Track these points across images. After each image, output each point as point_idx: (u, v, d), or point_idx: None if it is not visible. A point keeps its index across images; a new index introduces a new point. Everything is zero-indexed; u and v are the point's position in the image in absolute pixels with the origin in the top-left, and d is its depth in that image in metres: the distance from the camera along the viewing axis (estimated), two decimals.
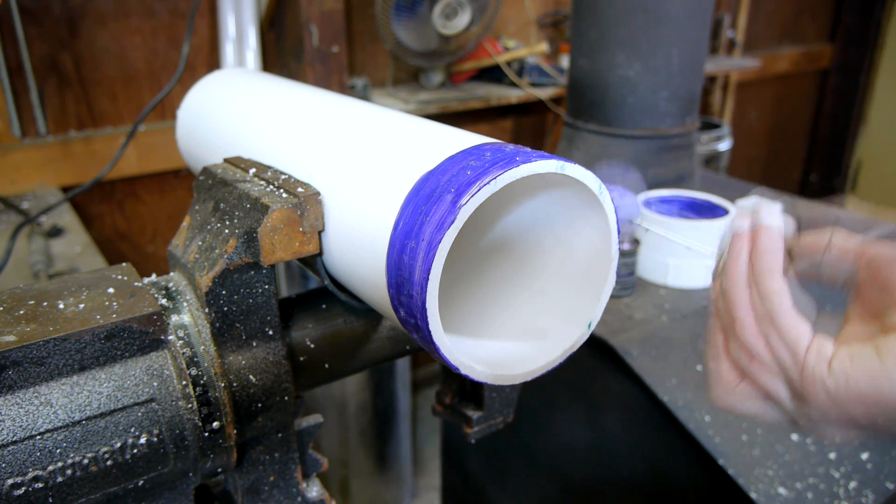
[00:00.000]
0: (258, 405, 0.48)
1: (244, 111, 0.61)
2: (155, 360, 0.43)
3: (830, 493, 1.00)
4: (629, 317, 1.27)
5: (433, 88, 2.23)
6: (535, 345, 0.47)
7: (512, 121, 2.60)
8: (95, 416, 0.41)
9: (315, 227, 0.46)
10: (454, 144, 0.42)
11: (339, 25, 1.81)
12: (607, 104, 1.51)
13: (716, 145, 2.46)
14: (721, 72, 2.96)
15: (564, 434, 1.37)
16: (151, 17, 1.77)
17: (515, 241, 0.51)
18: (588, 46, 1.50)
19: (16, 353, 0.39)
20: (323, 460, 0.56)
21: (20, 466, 0.38)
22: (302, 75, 1.83)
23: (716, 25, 2.82)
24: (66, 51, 1.68)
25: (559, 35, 2.60)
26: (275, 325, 0.48)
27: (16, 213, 1.43)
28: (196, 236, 0.50)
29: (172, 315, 0.46)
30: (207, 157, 0.64)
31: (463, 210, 0.37)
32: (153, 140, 1.79)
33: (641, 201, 1.41)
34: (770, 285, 0.44)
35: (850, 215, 1.69)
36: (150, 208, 1.92)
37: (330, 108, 0.55)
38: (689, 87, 1.52)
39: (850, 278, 0.44)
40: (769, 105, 3.57)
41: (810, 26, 3.56)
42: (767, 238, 0.45)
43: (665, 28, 1.41)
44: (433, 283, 0.37)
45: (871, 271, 0.44)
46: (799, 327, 0.42)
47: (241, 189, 0.48)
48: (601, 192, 0.42)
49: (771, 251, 0.45)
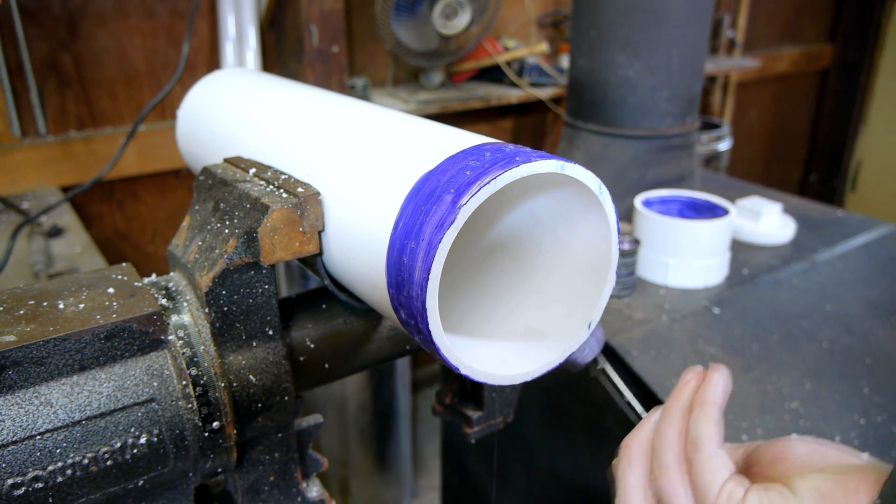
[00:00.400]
0: (258, 405, 0.48)
1: (244, 111, 0.61)
2: (155, 360, 0.43)
3: None
4: (629, 317, 1.27)
5: (433, 88, 2.23)
6: (535, 345, 0.47)
7: (512, 121, 2.60)
8: (95, 416, 0.41)
9: (315, 227, 0.46)
10: (454, 144, 0.42)
11: (339, 25, 1.81)
12: (607, 104, 1.51)
13: (716, 145, 2.46)
14: (721, 72, 2.96)
15: (564, 434, 1.37)
16: (151, 17, 1.77)
17: (515, 241, 0.51)
18: (588, 46, 1.50)
19: (16, 353, 0.39)
20: (323, 460, 0.56)
21: (20, 466, 0.38)
22: (302, 75, 1.83)
23: (716, 25, 2.82)
24: (66, 51, 1.68)
25: (559, 35, 2.60)
26: (275, 325, 0.48)
27: (16, 213, 1.43)
28: (196, 236, 0.50)
29: (172, 315, 0.46)
30: (207, 157, 0.64)
31: (463, 210, 0.37)
32: (153, 140, 1.79)
33: (641, 202, 1.41)
34: (703, 427, 0.45)
35: (849, 215, 1.70)
36: (150, 208, 1.92)
37: (330, 108, 0.55)
38: (689, 87, 1.52)
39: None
40: (769, 105, 3.58)
41: (810, 26, 3.56)
42: (717, 388, 0.47)
43: (665, 28, 1.41)
44: (433, 283, 0.37)
45: (757, 457, 0.45)
46: (716, 471, 0.42)
47: (241, 189, 0.48)
48: (601, 192, 0.42)
49: (714, 402, 0.47)
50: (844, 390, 1.19)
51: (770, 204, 1.55)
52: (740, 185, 1.87)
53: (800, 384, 1.19)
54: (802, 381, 1.20)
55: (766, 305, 1.34)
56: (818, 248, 1.51)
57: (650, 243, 1.37)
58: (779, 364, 1.22)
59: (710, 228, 1.32)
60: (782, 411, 1.13)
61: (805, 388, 1.18)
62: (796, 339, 1.28)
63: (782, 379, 1.19)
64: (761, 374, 1.19)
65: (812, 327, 1.31)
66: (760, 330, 1.28)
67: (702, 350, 1.21)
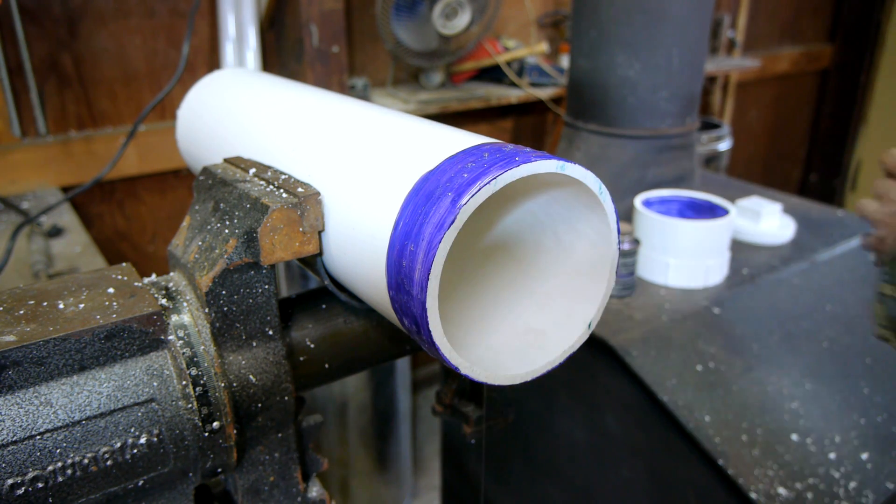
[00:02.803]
0: (258, 405, 0.48)
1: (244, 111, 0.61)
2: (155, 360, 0.43)
3: (830, 494, 1.00)
4: (629, 317, 1.27)
5: (433, 88, 2.23)
6: (535, 345, 0.47)
7: (512, 121, 2.60)
8: (95, 416, 0.41)
9: (315, 227, 0.46)
10: (453, 145, 0.42)
11: (339, 25, 1.81)
12: (607, 104, 1.51)
13: (716, 145, 2.46)
14: (721, 72, 2.96)
15: (564, 434, 1.37)
16: (151, 17, 1.77)
17: (515, 241, 0.51)
18: (588, 46, 1.50)
19: (16, 353, 0.39)
20: (323, 460, 0.56)
21: (20, 466, 0.38)
22: (302, 75, 1.83)
23: (716, 25, 2.82)
24: (66, 51, 1.68)
25: (559, 35, 2.60)
26: (275, 325, 0.48)
27: (16, 213, 1.43)
28: (196, 236, 0.50)
29: (172, 315, 0.46)
30: (207, 157, 0.64)
31: (463, 210, 0.37)
32: (153, 140, 1.79)
33: (641, 202, 1.41)
34: None
35: (849, 215, 1.69)
36: (150, 208, 1.92)
37: (330, 108, 0.55)
38: (689, 87, 1.52)
39: None
40: (769, 105, 3.57)
41: (810, 26, 3.56)
42: None
43: (665, 28, 1.41)
44: (433, 283, 0.37)
45: None
46: None
47: (241, 189, 0.48)
48: (601, 192, 0.42)
49: None
50: (844, 390, 1.19)
51: (770, 204, 1.55)
52: (740, 185, 1.87)
53: (800, 384, 1.19)
54: (802, 381, 1.20)
55: (766, 305, 1.34)
56: (818, 248, 1.51)
57: (650, 243, 1.37)
58: (779, 364, 1.22)
59: (710, 228, 1.32)
60: (782, 411, 1.13)
61: (805, 388, 1.19)
62: (796, 339, 1.28)
63: (782, 379, 1.19)
64: (761, 374, 1.19)
65: (812, 327, 1.31)
66: (760, 330, 1.28)
67: (702, 350, 1.21)
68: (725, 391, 1.14)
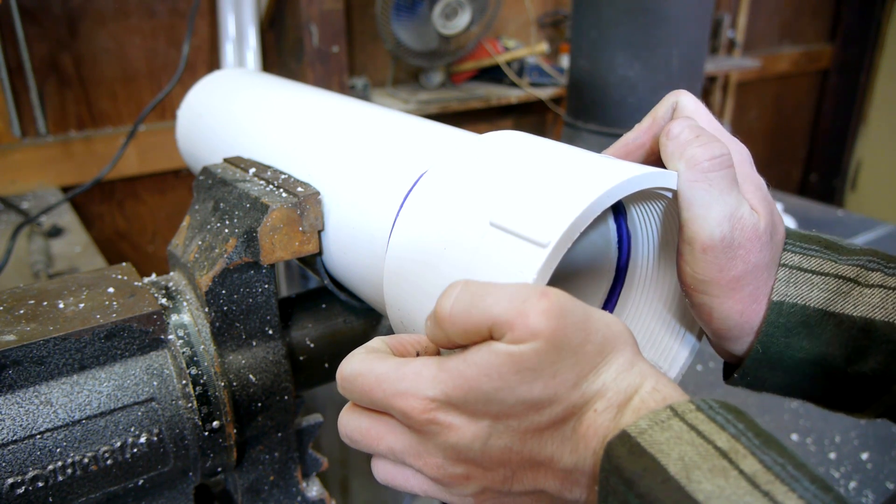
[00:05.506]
0: (258, 405, 0.48)
1: (244, 111, 0.61)
2: (155, 360, 0.43)
3: None
4: None
5: (433, 88, 2.23)
6: None
7: (512, 121, 2.60)
8: (95, 416, 0.41)
9: (315, 226, 0.46)
10: (453, 144, 0.42)
11: (339, 25, 1.81)
12: (607, 104, 1.51)
13: None
14: (721, 72, 2.96)
15: None
16: (151, 17, 1.77)
17: None
18: (588, 46, 1.50)
19: (16, 353, 0.39)
20: (323, 460, 0.56)
21: (20, 466, 0.38)
22: (302, 75, 1.83)
23: (716, 25, 2.82)
24: (66, 51, 1.68)
25: (559, 35, 2.60)
26: (275, 324, 0.48)
27: (16, 213, 1.43)
28: (196, 236, 0.50)
29: (172, 314, 0.46)
30: (207, 157, 0.64)
31: None
32: (153, 140, 1.79)
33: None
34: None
35: (849, 215, 1.70)
36: (150, 208, 1.92)
37: (330, 108, 0.55)
38: (689, 87, 1.51)
39: None
40: (769, 105, 3.57)
41: (810, 26, 3.56)
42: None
43: (665, 28, 1.41)
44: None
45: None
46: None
47: (240, 189, 0.48)
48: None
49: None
50: None
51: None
52: None
53: None
54: None
55: None
56: None
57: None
58: None
59: None
60: (782, 411, 1.13)
61: None
62: None
63: None
64: None
65: None
66: None
67: (701, 350, 1.21)
68: (725, 391, 1.14)
